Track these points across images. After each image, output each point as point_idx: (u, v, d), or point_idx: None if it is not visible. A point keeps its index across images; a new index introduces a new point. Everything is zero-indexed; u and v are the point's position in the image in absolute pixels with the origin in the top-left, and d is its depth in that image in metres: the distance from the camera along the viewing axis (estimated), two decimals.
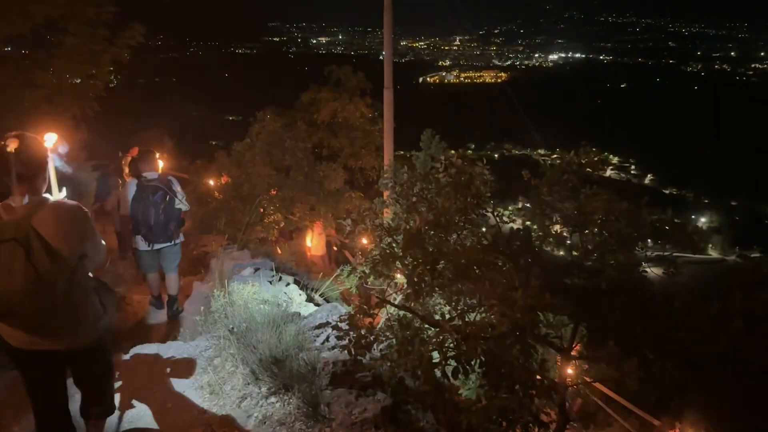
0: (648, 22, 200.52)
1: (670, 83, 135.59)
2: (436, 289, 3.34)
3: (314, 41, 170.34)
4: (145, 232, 6.45)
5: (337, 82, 17.08)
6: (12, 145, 2.77)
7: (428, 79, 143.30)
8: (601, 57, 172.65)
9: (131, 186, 6.47)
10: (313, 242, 10.41)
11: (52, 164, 3.13)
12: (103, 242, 3.21)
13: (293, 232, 12.90)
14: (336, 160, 15.40)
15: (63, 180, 3.56)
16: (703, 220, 69.17)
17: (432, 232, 3.44)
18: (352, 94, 16.78)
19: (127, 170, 8.56)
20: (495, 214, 4.56)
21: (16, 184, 2.75)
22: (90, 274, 3.24)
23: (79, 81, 10.29)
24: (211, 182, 13.63)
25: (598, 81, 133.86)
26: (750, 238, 64.20)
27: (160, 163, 6.93)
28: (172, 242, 6.66)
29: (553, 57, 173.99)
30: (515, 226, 4.64)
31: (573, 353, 4.41)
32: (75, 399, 3.62)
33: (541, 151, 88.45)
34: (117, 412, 4.51)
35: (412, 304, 3.42)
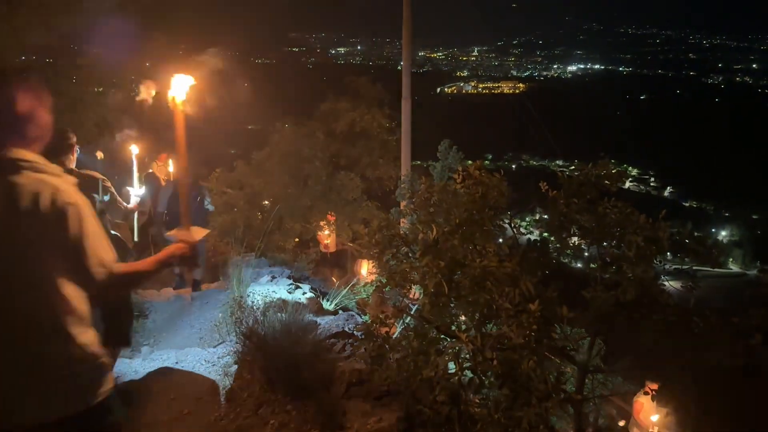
0: (668, 34, 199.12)
1: (690, 95, 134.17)
2: (453, 299, 3.35)
3: (333, 51, 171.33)
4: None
5: (356, 92, 17.17)
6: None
7: (446, 89, 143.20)
8: (621, 68, 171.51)
9: (168, 187, 7.66)
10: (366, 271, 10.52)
11: (136, 166, 3.91)
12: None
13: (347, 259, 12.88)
14: (353, 169, 15.46)
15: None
16: (723, 234, 68.07)
17: (449, 243, 3.46)
18: (370, 104, 16.85)
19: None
20: (512, 225, 4.57)
21: None
22: None
23: (101, 90, 10.50)
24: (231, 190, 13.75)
25: (617, 92, 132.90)
26: None
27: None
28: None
29: (572, 68, 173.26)
30: (533, 238, 4.65)
31: (590, 366, 4.39)
32: None
33: (559, 163, 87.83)
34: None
35: (429, 314, 3.43)
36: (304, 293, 7.24)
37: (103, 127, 10.33)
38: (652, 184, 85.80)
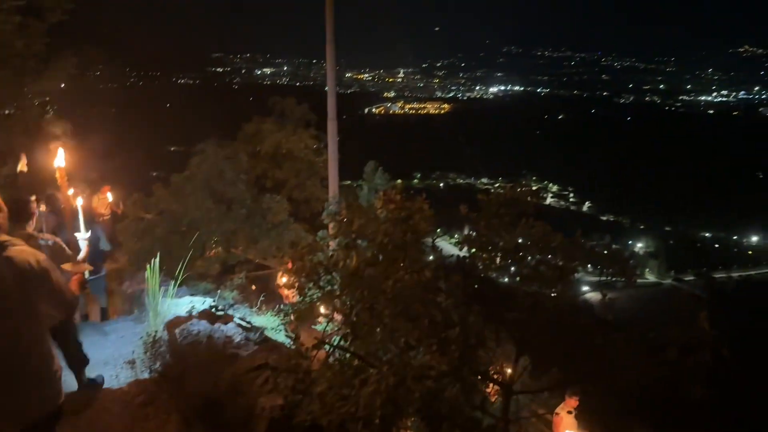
0: (582, 56, 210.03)
1: (604, 114, 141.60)
2: (376, 327, 3.25)
3: (258, 72, 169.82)
4: None
5: (281, 113, 17.00)
6: None
7: (374, 110, 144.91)
8: (539, 90, 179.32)
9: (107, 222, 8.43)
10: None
11: (81, 213, 4.13)
12: None
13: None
14: (280, 191, 15.23)
15: None
16: (639, 246, 71.79)
17: (371, 270, 3.36)
18: (297, 125, 16.73)
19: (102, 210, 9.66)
20: (435, 248, 4.53)
21: None
22: None
23: (7, 113, 9.91)
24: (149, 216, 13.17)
25: (536, 112, 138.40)
26: (684, 261, 67.13)
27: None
28: (100, 273, 8.13)
29: (494, 89, 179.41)
30: (461, 254, 4.64)
31: (515, 387, 4.40)
32: None
33: (485, 180, 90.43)
34: None
35: (352, 344, 3.32)
36: (226, 323, 6.94)
37: (8, 154, 9.72)
38: (571, 199, 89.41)
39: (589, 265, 4.45)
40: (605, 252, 4.55)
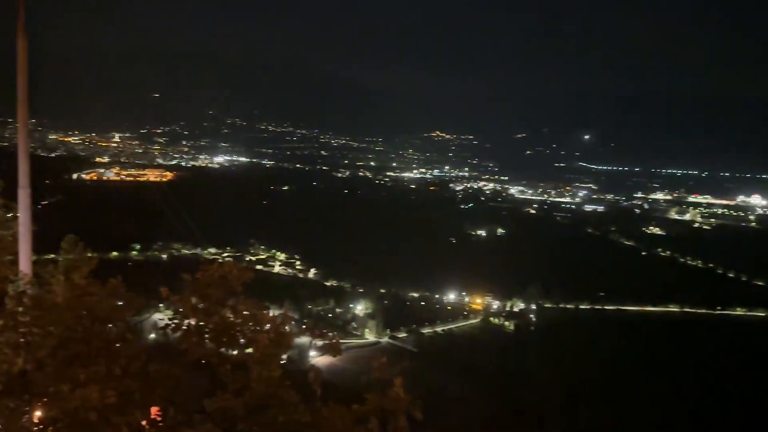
0: (303, 133, 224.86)
1: (325, 187, 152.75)
2: None
3: None
4: None
5: None
6: None
7: (84, 175, 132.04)
8: (264, 162, 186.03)
9: None
10: None
11: None
12: None
13: None
14: None
15: None
16: (360, 308, 77.08)
17: (42, 372, 2.82)
18: None
19: None
20: (135, 331, 4.10)
21: None
22: None
23: None
24: None
25: (263, 183, 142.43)
26: (398, 320, 73.96)
27: None
28: None
29: (219, 159, 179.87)
30: (169, 337, 4.27)
31: None
32: None
33: (212, 250, 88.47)
34: None
35: None
36: None
37: None
38: (298, 267, 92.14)
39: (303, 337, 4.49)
40: (312, 324, 4.65)
